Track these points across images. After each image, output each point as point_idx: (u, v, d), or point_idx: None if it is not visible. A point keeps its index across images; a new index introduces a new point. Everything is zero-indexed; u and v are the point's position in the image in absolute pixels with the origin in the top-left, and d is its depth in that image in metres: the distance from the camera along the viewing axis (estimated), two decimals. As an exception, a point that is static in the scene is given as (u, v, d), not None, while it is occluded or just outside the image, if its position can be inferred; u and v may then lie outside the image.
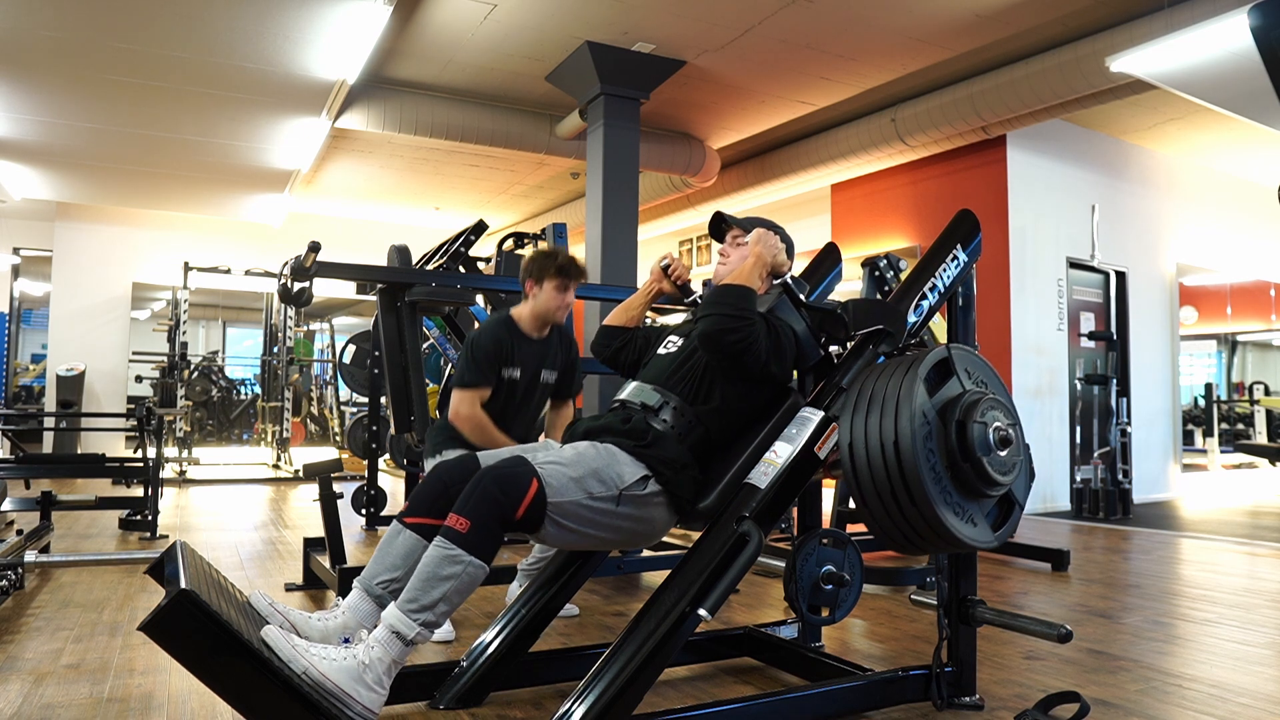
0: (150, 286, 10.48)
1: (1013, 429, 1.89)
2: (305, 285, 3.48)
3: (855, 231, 8.06)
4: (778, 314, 2.17)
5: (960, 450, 1.83)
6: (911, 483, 1.77)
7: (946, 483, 1.82)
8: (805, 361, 2.19)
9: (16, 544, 3.46)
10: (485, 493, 1.77)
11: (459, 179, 9.09)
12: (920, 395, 1.82)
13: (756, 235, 2.26)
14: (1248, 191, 8.72)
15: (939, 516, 1.78)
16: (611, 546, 2.08)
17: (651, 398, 2.10)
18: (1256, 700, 2.35)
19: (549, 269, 2.95)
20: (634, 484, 1.93)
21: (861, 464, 1.84)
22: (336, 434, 10.79)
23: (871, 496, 1.83)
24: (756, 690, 2.36)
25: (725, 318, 2.00)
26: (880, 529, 1.87)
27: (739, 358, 2.01)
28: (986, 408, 1.86)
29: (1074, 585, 3.91)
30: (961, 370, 1.94)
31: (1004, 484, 1.88)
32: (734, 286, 2.08)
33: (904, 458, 1.78)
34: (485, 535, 1.76)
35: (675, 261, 2.41)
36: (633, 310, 2.42)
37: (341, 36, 5.22)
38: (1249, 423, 9.56)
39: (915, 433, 1.78)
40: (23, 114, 6.72)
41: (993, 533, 1.91)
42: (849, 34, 5.41)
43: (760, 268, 2.19)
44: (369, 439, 5.34)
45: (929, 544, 1.86)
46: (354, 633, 1.86)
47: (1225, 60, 4.68)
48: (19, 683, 2.34)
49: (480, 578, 1.77)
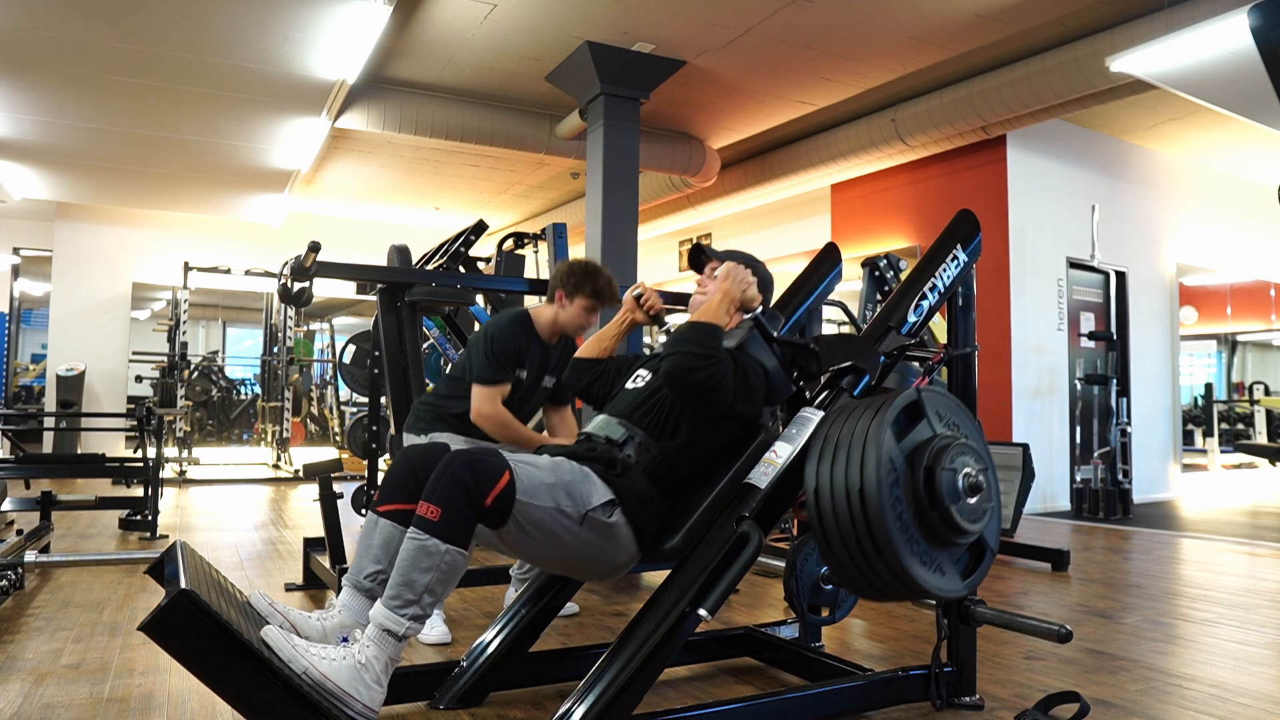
0: (150, 286, 10.48)
1: (984, 475, 1.83)
2: (305, 285, 3.48)
3: (855, 231, 8.06)
4: (748, 349, 2.13)
5: (928, 498, 1.77)
6: (877, 532, 1.72)
7: (914, 531, 1.77)
8: (776, 398, 2.14)
9: (16, 544, 3.46)
10: (455, 477, 1.74)
11: (459, 179, 9.09)
12: (887, 441, 1.76)
13: (725, 270, 2.22)
14: (1248, 191, 8.72)
15: (905, 567, 1.72)
16: (569, 570, 2.03)
17: (616, 431, 2.06)
18: (1256, 700, 2.36)
19: (585, 288, 2.83)
20: (600, 507, 1.89)
21: (826, 511, 1.78)
22: (336, 434, 10.78)
23: (837, 545, 1.78)
24: (756, 690, 2.36)
25: (691, 356, 1.96)
26: (845, 577, 1.82)
27: (705, 396, 1.97)
28: (957, 453, 1.81)
29: (1074, 585, 3.91)
30: (932, 413, 1.88)
31: (973, 532, 1.82)
32: (701, 324, 2.05)
33: (869, 507, 1.72)
34: (457, 521, 1.72)
35: (648, 291, 2.38)
36: (605, 342, 2.37)
37: (341, 36, 5.22)
38: (1249, 423, 9.56)
39: (881, 480, 1.72)
40: (23, 114, 6.71)
41: (962, 581, 1.86)
42: (849, 34, 5.40)
43: (728, 303, 2.15)
44: (369, 439, 5.31)
45: (895, 593, 1.81)
46: (351, 630, 1.86)
47: (1225, 60, 4.68)
48: (19, 683, 2.34)
49: (461, 563, 1.75)
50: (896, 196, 7.70)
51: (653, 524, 1.97)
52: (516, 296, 5.02)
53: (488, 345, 2.80)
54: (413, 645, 2.75)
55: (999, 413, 6.64)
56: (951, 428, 1.91)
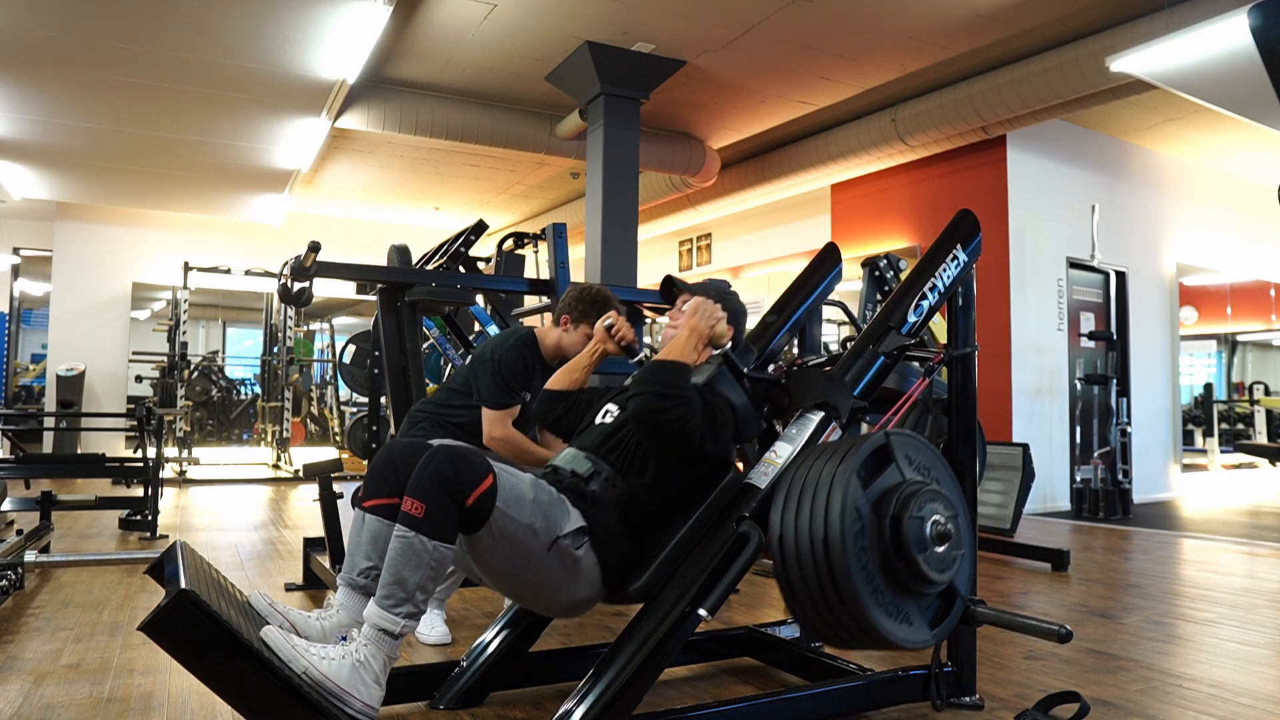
0: (150, 286, 10.48)
1: (953, 522, 1.79)
2: (305, 285, 3.47)
3: (855, 231, 8.06)
4: (716, 386, 2.08)
5: (894, 547, 1.73)
6: (841, 584, 1.67)
7: (879, 582, 1.72)
8: (745, 436, 2.11)
9: (16, 544, 3.46)
10: (438, 471, 1.71)
11: (459, 179, 9.09)
12: (853, 488, 1.72)
13: (692, 306, 2.16)
14: (1248, 191, 8.72)
15: (870, 619, 1.68)
16: (529, 599, 1.97)
17: (583, 465, 2.01)
18: (1256, 700, 2.36)
19: (591, 317, 2.79)
20: (570, 535, 1.85)
21: (790, 560, 1.74)
22: (336, 434, 10.78)
23: (800, 593, 1.74)
24: (756, 690, 2.36)
25: (657, 396, 1.91)
26: (809, 627, 1.78)
27: (673, 437, 1.92)
28: (925, 500, 1.76)
29: (1074, 585, 3.91)
30: (901, 457, 1.83)
31: (940, 582, 1.77)
32: (667, 363, 2.00)
33: (833, 557, 1.67)
34: (442, 516, 1.70)
35: (619, 321, 2.35)
36: (576, 373, 2.33)
37: (341, 36, 5.22)
38: (1249, 423, 9.56)
39: (846, 530, 1.68)
40: (23, 114, 6.71)
41: (930, 630, 1.81)
42: (849, 34, 5.40)
43: (695, 340, 2.09)
44: (369, 439, 5.32)
45: (861, 644, 1.78)
46: (350, 629, 1.86)
47: (1225, 60, 4.68)
48: (19, 683, 2.34)
49: (449, 557, 1.73)
50: (896, 196, 7.70)
51: (618, 561, 1.93)
52: (516, 297, 5.03)
53: (496, 368, 2.77)
54: (413, 645, 2.76)
55: (999, 413, 6.65)
56: (922, 472, 1.87)
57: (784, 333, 2.71)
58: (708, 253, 10.32)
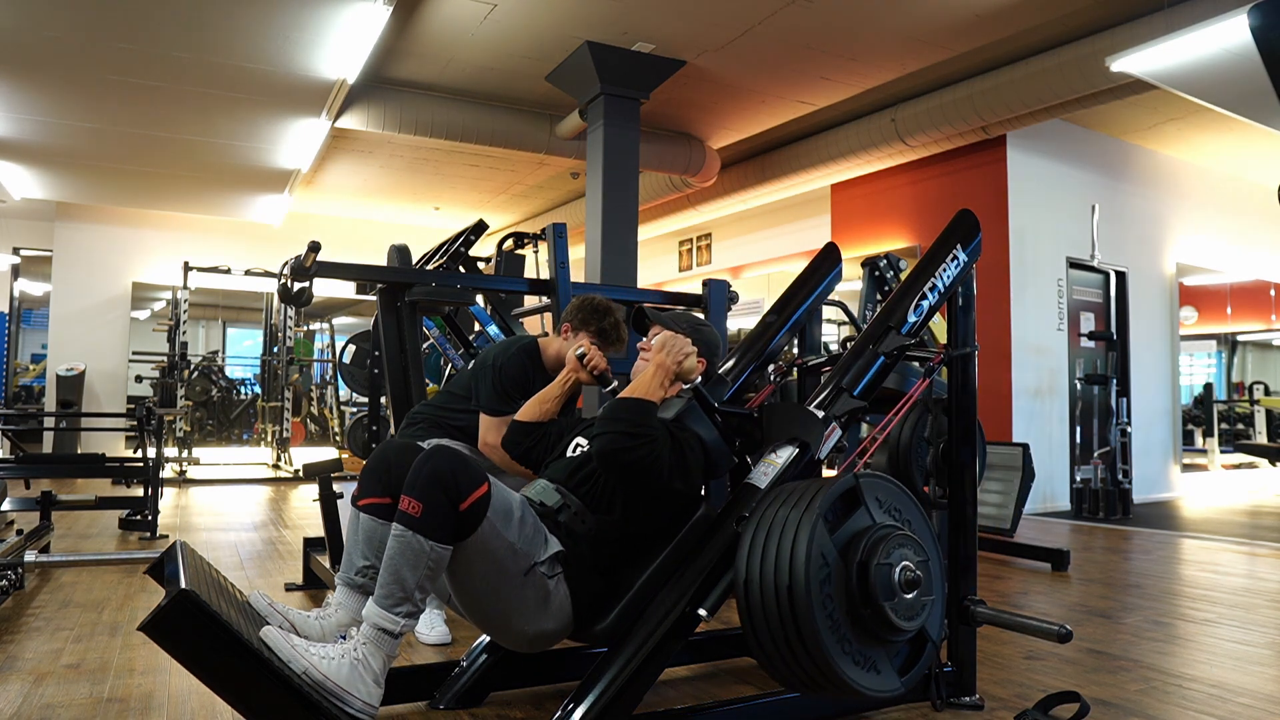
0: (150, 286, 10.48)
1: (923, 567, 1.75)
2: (305, 285, 3.47)
3: (855, 231, 8.06)
4: (685, 421, 2.04)
5: (860, 595, 1.68)
6: (805, 632, 1.63)
7: (845, 631, 1.68)
8: (715, 471, 2.07)
9: (16, 544, 3.46)
10: (436, 471, 1.70)
11: (459, 179, 9.09)
12: (819, 534, 1.68)
13: (659, 341, 2.10)
14: (1248, 191, 8.72)
15: (835, 669, 1.64)
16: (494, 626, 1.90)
17: (552, 498, 1.98)
18: (1256, 700, 2.36)
19: (590, 326, 2.78)
20: (547, 562, 1.83)
21: (755, 605, 1.70)
22: (336, 434, 10.78)
23: (765, 641, 1.70)
24: (756, 690, 2.36)
25: (621, 436, 1.86)
26: (774, 673, 1.75)
27: (638, 476, 1.89)
28: (894, 546, 1.72)
29: (1074, 585, 3.91)
30: (871, 500, 1.80)
31: (908, 630, 1.73)
32: (632, 401, 1.95)
33: (798, 605, 1.63)
34: (439, 516, 1.69)
35: (592, 351, 2.31)
36: (547, 404, 2.27)
37: (341, 36, 5.22)
38: (1249, 423, 9.56)
39: (811, 577, 1.63)
40: (23, 114, 6.71)
41: (899, 678, 1.77)
42: (849, 34, 5.40)
43: (662, 376, 2.03)
44: (369, 439, 5.33)
45: (825, 691, 1.74)
46: (349, 628, 1.86)
47: (1225, 60, 4.68)
48: (19, 683, 2.34)
49: (446, 557, 1.72)
50: (896, 196, 7.70)
51: (588, 596, 1.90)
52: (516, 297, 5.02)
53: (497, 376, 2.77)
54: (413, 645, 2.76)
55: (999, 413, 6.65)
56: (893, 514, 1.83)
57: (784, 333, 2.71)
58: (708, 253, 10.31)
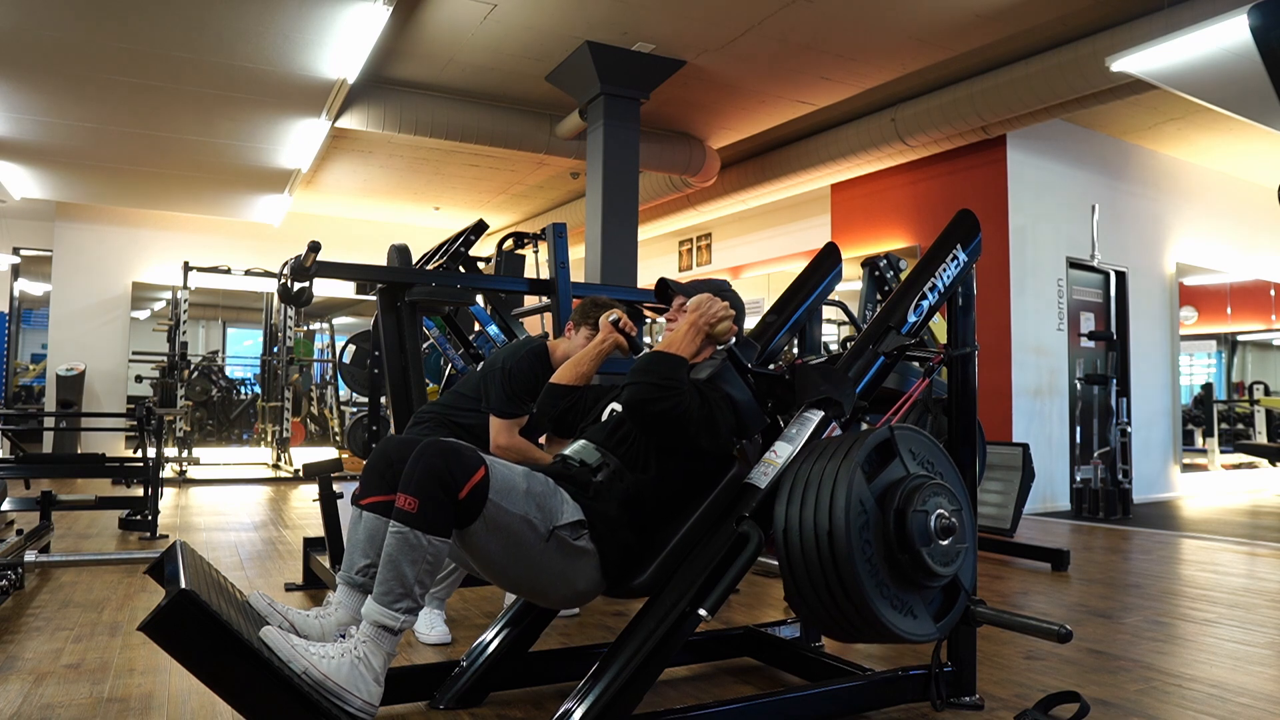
0: (150, 286, 10.48)
1: (957, 516, 1.79)
2: (305, 285, 3.48)
3: (855, 231, 8.06)
4: (718, 382, 2.08)
5: (898, 541, 1.73)
6: (845, 576, 1.68)
7: (883, 575, 1.72)
8: (748, 430, 2.09)
9: (16, 544, 3.46)
10: (430, 465, 1.71)
11: (459, 179, 9.09)
12: (858, 482, 1.72)
13: (694, 302, 2.18)
14: (1248, 191, 8.72)
15: (874, 611, 1.69)
16: (527, 591, 1.97)
17: (592, 456, 2.02)
18: (1256, 700, 2.36)
19: (590, 319, 2.89)
20: (568, 526, 1.84)
21: (795, 553, 1.75)
22: (336, 434, 10.78)
23: (805, 587, 1.74)
24: (756, 690, 2.36)
25: (650, 387, 1.91)
26: (814, 620, 1.79)
27: (664, 429, 1.93)
28: (929, 494, 1.76)
29: (1074, 585, 3.91)
30: (905, 452, 1.84)
31: (945, 575, 1.78)
32: (663, 355, 2.01)
33: (838, 550, 1.68)
34: (436, 510, 1.69)
35: (624, 317, 2.37)
36: (582, 366, 2.33)
37: (341, 36, 5.22)
38: (1249, 423, 9.56)
39: (850, 523, 1.68)
40: (23, 114, 6.71)
41: (934, 624, 1.81)
42: (849, 34, 5.40)
43: (695, 335, 2.11)
44: (369, 439, 5.32)
45: (865, 636, 1.77)
46: (348, 627, 1.86)
47: (1225, 60, 4.68)
48: (19, 683, 2.34)
49: (445, 551, 1.73)
50: (896, 196, 7.70)
51: (618, 554, 1.92)
52: (516, 297, 5.02)
53: (506, 379, 2.84)
54: (413, 645, 2.76)
55: (999, 413, 6.64)
56: (926, 466, 1.86)
57: (784, 333, 2.71)
58: (708, 253, 10.31)
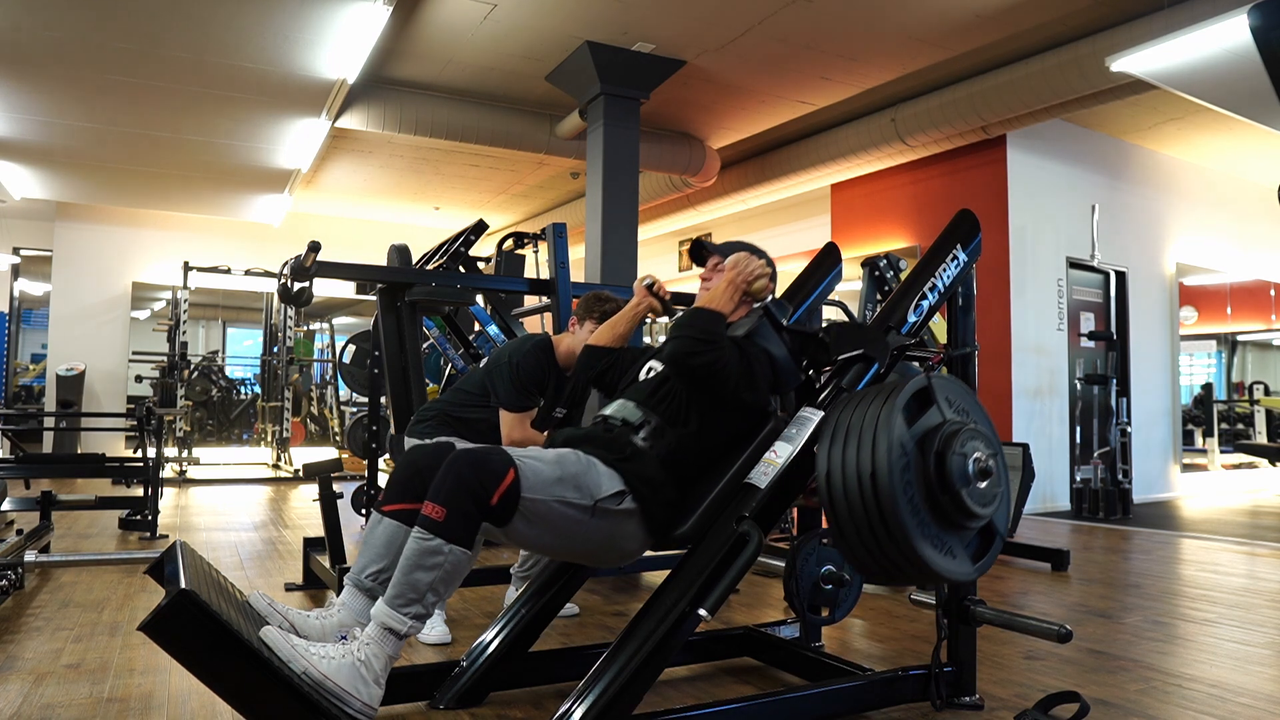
0: (150, 286, 10.48)
1: (993, 460, 1.85)
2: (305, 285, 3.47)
3: (855, 231, 8.06)
4: (756, 338, 2.13)
5: (939, 482, 1.78)
6: (888, 515, 1.73)
7: (924, 515, 1.78)
8: (784, 387, 2.15)
9: (16, 544, 3.46)
10: (460, 476, 1.74)
11: (459, 179, 9.09)
12: (898, 426, 1.77)
13: (732, 260, 2.24)
14: (1248, 191, 8.72)
15: (916, 550, 1.73)
16: (581, 560, 2.04)
17: (634, 415, 2.07)
18: (1256, 700, 2.36)
19: (594, 312, 2.96)
20: (609, 497, 1.90)
21: (838, 495, 1.79)
22: (336, 434, 10.78)
23: (848, 528, 1.79)
24: (756, 690, 2.36)
25: (692, 340, 1.99)
26: (856, 560, 1.83)
27: (706, 381, 1.99)
28: (966, 438, 1.82)
29: (1074, 585, 3.91)
30: (942, 399, 1.89)
31: (983, 516, 1.83)
32: (704, 310, 2.08)
33: (881, 490, 1.73)
34: (462, 521, 1.73)
35: (658, 281, 2.43)
36: (619, 329, 2.40)
37: (341, 36, 5.22)
38: (1249, 423, 9.56)
39: (893, 464, 1.73)
40: (23, 114, 6.71)
41: (972, 564, 1.87)
42: (849, 34, 5.40)
43: (733, 292, 2.17)
44: (369, 439, 5.30)
45: (906, 576, 1.82)
46: (350, 629, 1.86)
47: (1225, 60, 4.68)
48: (19, 683, 2.34)
49: (464, 563, 1.76)
50: (896, 196, 7.70)
51: (662, 511, 1.97)
52: (516, 297, 5.02)
53: (514, 372, 2.88)
54: (413, 645, 2.76)
55: (999, 413, 6.64)
56: (961, 413, 1.92)
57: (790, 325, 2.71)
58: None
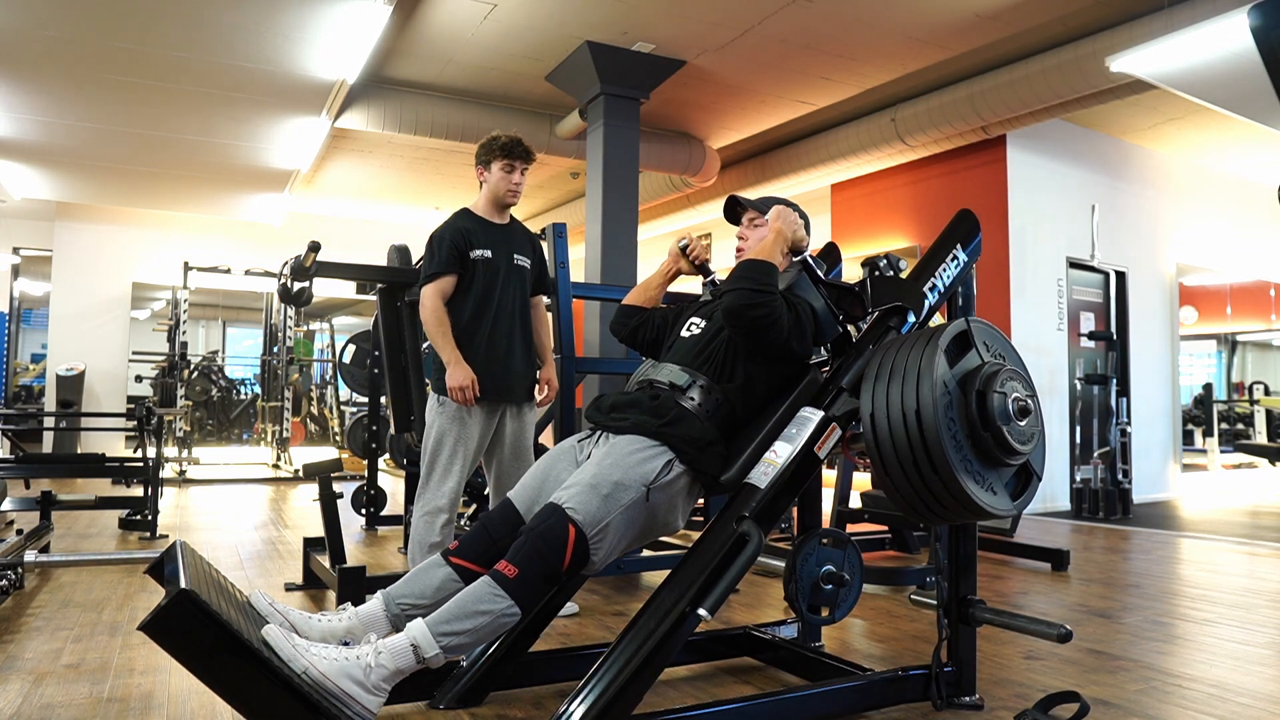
0: (150, 286, 10.48)
1: (1031, 399, 1.92)
2: (305, 285, 3.48)
3: (855, 231, 8.06)
4: (796, 291, 2.20)
5: (981, 419, 1.85)
6: (933, 451, 1.80)
7: (967, 451, 1.85)
8: (823, 339, 2.21)
9: (16, 544, 3.46)
10: (533, 548, 1.82)
11: (459, 179, 9.09)
12: (941, 365, 1.85)
13: (776, 211, 2.28)
14: (1248, 191, 8.72)
15: (960, 484, 1.80)
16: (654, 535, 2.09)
17: (680, 378, 2.11)
18: (1256, 700, 2.36)
19: (495, 150, 3.03)
20: (659, 474, 1.95)
21: (884, 433, 1.86)
22: (336, 434, 10.78)
23: (893, 465, 1.86)
24: (756, 690, 2.36)
25: (750, 292, 2.02)
26: (902, 498, 1.89)
27: (763, 333, 2.04)
28: (1006, 378, 1.89)
29: (1074, 585, 3.91)
30: (980, 343, 1.97)
31: (1023, 453, 1.90)
32: (757, 261, 2.11)
33: (925, 426, 1.80)
34: (529, 585, 1.80)
35: (694, 242, 2.45)
36: (650, 290, 2.45)
37: (341, 36, 5.22)
38: (1249, 423, 9.56)
39: (936, 402, 1.80)
40: (23, 114, 6.71)
41: (1012, 501, 1.94)
42: (849, 34, 5.40)
43: (781, 243, 2.20)
44: (369, 439, 5.34)
45: (951, 512, 1.88)
46: (358, 637, 1.85)
47: (1225, 60, 4.68)
48: (19, 683, 2.34)
49: (511, 624, 1.81)
50: (896, 196, 7.70)
51: (714, 465, 2.01)
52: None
53: (429, 244, 3.00)
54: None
55: (999, 413, 6.64)
56: (998, 357, 1.98)
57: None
58: (708, 253, 10.28)
